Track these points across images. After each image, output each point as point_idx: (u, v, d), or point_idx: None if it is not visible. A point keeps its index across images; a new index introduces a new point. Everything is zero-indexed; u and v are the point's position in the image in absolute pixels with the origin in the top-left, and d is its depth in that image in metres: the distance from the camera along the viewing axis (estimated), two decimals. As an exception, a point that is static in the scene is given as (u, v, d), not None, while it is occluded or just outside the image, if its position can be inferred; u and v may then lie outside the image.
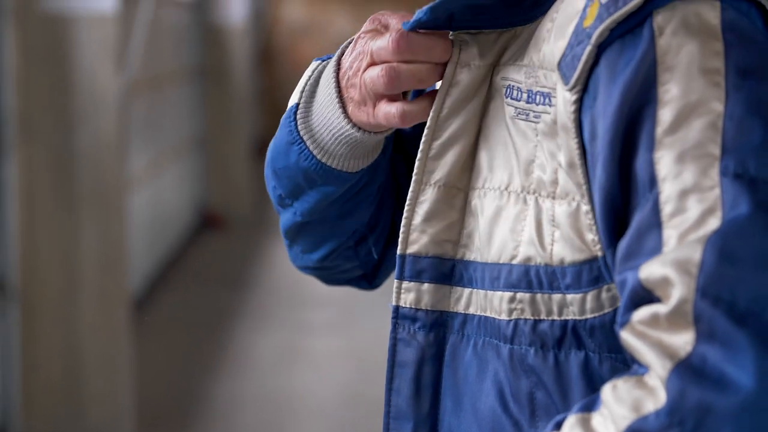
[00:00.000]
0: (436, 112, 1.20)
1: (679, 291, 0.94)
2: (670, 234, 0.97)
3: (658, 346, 0.94)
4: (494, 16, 1.18)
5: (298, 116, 1.30)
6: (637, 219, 1.01)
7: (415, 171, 1.21)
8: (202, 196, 10.20)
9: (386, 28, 1.23)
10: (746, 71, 1.01)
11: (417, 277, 1.21)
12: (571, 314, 1.10)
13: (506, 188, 1.15)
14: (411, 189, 1.21)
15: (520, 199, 1.14)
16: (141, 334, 6.41)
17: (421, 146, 1.21)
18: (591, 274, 1.08)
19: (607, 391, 0.97)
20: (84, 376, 4.98)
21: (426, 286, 1.21)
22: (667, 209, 0.98)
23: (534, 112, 1.12)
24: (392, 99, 1.22)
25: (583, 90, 1.07)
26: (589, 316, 1.09)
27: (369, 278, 1.47)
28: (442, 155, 1.20)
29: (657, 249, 0.97)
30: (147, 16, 5.99)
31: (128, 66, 5.45)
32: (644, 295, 0.97)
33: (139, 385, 5.33)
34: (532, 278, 1.12)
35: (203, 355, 6.55)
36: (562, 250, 1.09)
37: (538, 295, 1.12)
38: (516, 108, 1.15)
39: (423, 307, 1.21)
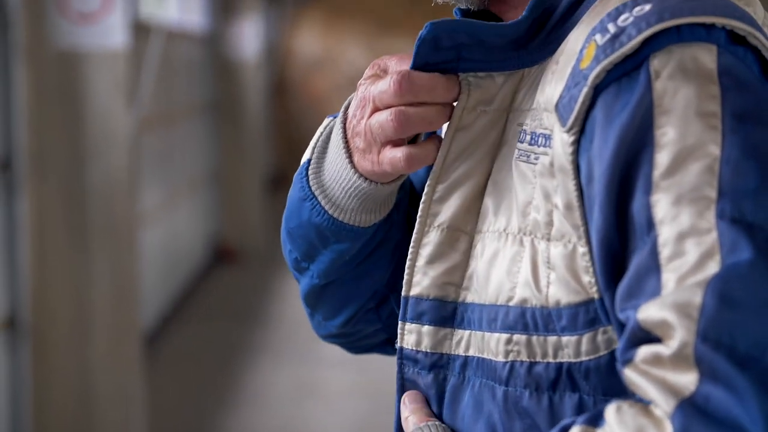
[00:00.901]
0: (443, 155, 1.20)
1: (680, 334, 0.94)
2: (668, 277, 0.97)
3: (662, 384, 0.94)
4: (501, 57, 1.18)
5: (309, 172, 1.31)
6: (636, 262, 1.00)
7: (419, 213, 1.21)
8: (216, 230, 10.21)
9: (385, 72, 1.22)
10: (742, 115, 1.01)
11: (418, 319, 1.21)
12: (567, 356, 1.09)
13: (504, 230, 1.15)
14: (415, 231, 1.22)
15: (516, 240, 1.13)
16: (153, 368, 6.41)
17: (426, 188, 1.21)
18: (587, 316, 1.08)
19: (611, 412, 0.97)
20: (96, 411, 4.97)
21: (425, 328, 1.21)
22: (665, 252, 0.98)
23: (535, 153, 1.13)
24: (396, 144, 1.22)
25: (581, 131, 1.07)
26: (584, 358, 1.09)
27: (394, 343, 1.42)
28: (447, 198, 1.20)
29: (656, 292, 0.97)
30: (157, 51, 6.02)
31: (139, 102, 5.48)
32: (642, 336, 0.97)
33: (151, 419, 5.33)
34: (528, 320, 1.11)
35: (216, 389, 6.55)
36: (558, 292, 1.09)
37: (534, 337, 1.11)
38: (519, 150, 1.15)
39: (423, 349, 1.21)
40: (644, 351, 0.96)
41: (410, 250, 1.22)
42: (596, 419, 0.98)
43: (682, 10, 1.04)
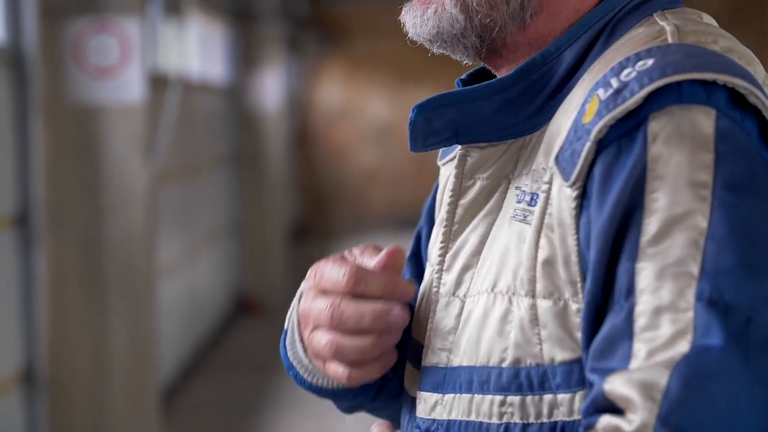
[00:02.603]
0: (448, 226, 1.22)
1: (641, 415, 0.94)
2: (639, 347, 0.97)
3: None
4: (500, 126, 1.18)
5: (287, 342, 1.34)
6: (610, 323, 1.00)
7: (433, 284, 1.22)
8: (238, 282, 10.21)
9: (323, 291, 1.22)
10: (734, 186, 1.01)
11: (424, 386, 1.22)
12: (561, 415, 1.09)
13: (493, 289, 1.14)
14: (429, 302, 1.23)
15: (505, 299, 1.13)
16: (172, 422, 6.38)
17: (436, 260, 1.22)
18: (581, 373, 1.07)
19: None
20: (113, 466, 4.95)
21: (421, 394, 1.21)
22: (640, 322, 0.98)
23: (532, 213, 1.12)
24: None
25: (583, 187, 1.06)
26: (577, 417, 1.08)
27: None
28: (451, 267, 1.21)
29: (626, 359, 0.98)
30: (176, 104, 6.05)
31: (157, 155, 5.49)
32: (606, 405, 0.97)
33: (168, 475, 5.29)
34: (522, 381, 1.10)
35: (236, 443, 6.51)
36: (552, 349, 1.08)
37: (529, 398, 1.10)
38: (515, 209, 1.15)
39: (420, 415, 1.22)
40: (606, 421, 0.97)
41: (428, 319, 1.22)
42: None
43: (685, 66, 1.04)
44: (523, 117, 1.17)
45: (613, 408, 0.97)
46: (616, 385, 0.96)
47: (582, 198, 1.06)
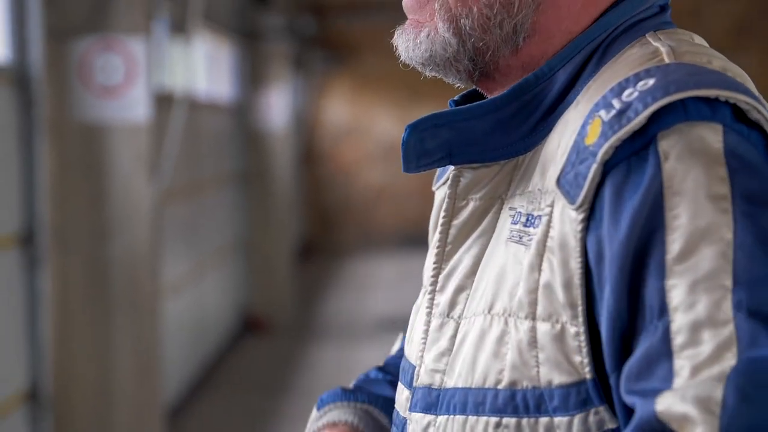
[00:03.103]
0: (442, 247, 1.21)
1: (702, 429, 0.93)
2: (682, 365, 0.96)
3: None
4: (493, 147, 1.18)
5: None
6: (646, 345, 0.99)
7: (425, 305, 1.23)
8: (245, 300, 10.21)
9: None
10: (751, 198, 1.01)
11: (414, 407, 1.22)
12: None
13: (489, 311, 1.14)
14: (423, 323, 1.23)
15: (501, 321, 1.12)
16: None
17: (430, 280, 1.22)
18: (579, 396, 1.06)
19: None
20: (118, 486, 4.94)
21: (412, 415, 1.21)
22: (678, 340, 0.97)
23: (528, 235, 1.12)
24: None
25: (590, 209, 1.06)
26: None
27: None
28: (445, 287, 1.21)
29: (668, 378, 0.97)
30: (181, 123, 6.05)
31: (162, 174, 5.50)
32: (657, 428, 0.96)
33: (173, 495, 5.28)
34: (518, 403, 1.10)
35: (241, 462, 6.49)
36: (549, 372, 1.08)
37: (524, 420, 1.10)
38: (511, 230, 1.15)
39: None
40: None
41: (419, 341, 1.22)
42: None
43: (687, 84, 1.04)
44: (517, 137, 1.18)
45: (664, 429, 0.95)
46: (670, 404, 0.95)
47: (588, 220, 1.06)
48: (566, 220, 1.07)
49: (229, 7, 9.45)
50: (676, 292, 0.98)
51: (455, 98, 1.28)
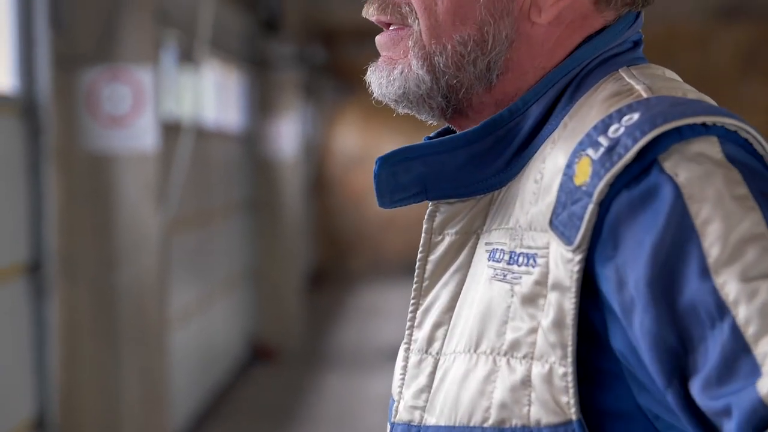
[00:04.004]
0: (419, 282, 1.21)
1: None
2: (764, 351, 0.95)
3: None
4: (467, 182, 1.18)
5: None
6: (716, 348, 0.98)
7: (404, 341, 1.22)
8: (253, 329, 10.20)
9: None
10: (766, 195, 1.02)
11: None
12: None
13: (475, 350, 1.13)
14: (402, 358, 1.22)
15: (489, 360, 1.11)
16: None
17: (408, 316, 1.22)
18: None
19: None
20: None
21: None
22: (750, 330, 0.96)
23: (513, 273, 1.11)
24: None
25: (588, 248, 1.05)
26: None
27: None
28: (422, 323, 1.21)
29: (753, 371, 0.95)
30: (189, 152, 6.07)
31: (170, 203, 5.50)
32: (765, 412, 0.94)
33: None
34: None
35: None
36: (538, 412, 1.07)
37: None
38: (495, 269, 1.14)
39: None
40: None
41: (398, 376, 1.22)
42: None
43: (673, 115, 1.04)
44: (491, 172, 1.18)
45: None
46: None
47: (592, 258, 1.05)
48: (561, 260, 1.07)
49: (238, 35, 9.49)
50: (730, 287, 0.97)
51: (430, 135, 1.28)
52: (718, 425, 0.99)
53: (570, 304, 1.05)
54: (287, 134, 10.41)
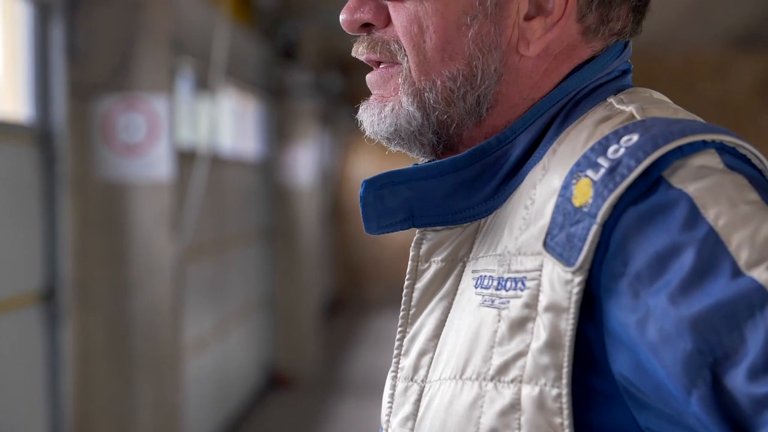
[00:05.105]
0: (406, 310, 1.21)
1: None
2: None
3: None
4: (454, 209, 1.18)
5: None
6: (760, 336, 0.95)
7: (391, 369, 1.22)
8: (270, 357, 10.19)
9: None
10: None
11: None
12: None
13: (460, 376, 1.13)
14: (389, 387, 1.22)
15: (475, 385, 1.11)
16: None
17: (395, 344, 1.22)
18: None
19: None
20: None
21: None
22: None
23: (501, 298, 1.11)
24: None
25: (590, 269, 1.04)
26: None
27: None
28: (409, 350, 1.21)
29: None
30: (204, 180, 6.08)
31: (184, 230, 5.51)
32: None
33: None
34: None
35: None
36: None
37: None
38: (483, 296, 1.13)
39: None
40: None
41: (386, 405, 1.22)
42: None
43: (673, 134, 1.04)
44: (479, 200, 1.18)
45: None
46: None
47: (597, 279, 1.04)
48: (557, 282, 1.06)
49: (255, 64, 9.52)
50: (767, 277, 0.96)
51: (417, 164, 1.28)
52: (755, 417, 0.96)
53: (567, 325, 1.04)
54: (304, 162, 10.43)
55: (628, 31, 1.22)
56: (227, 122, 8.74)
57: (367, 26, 1.23)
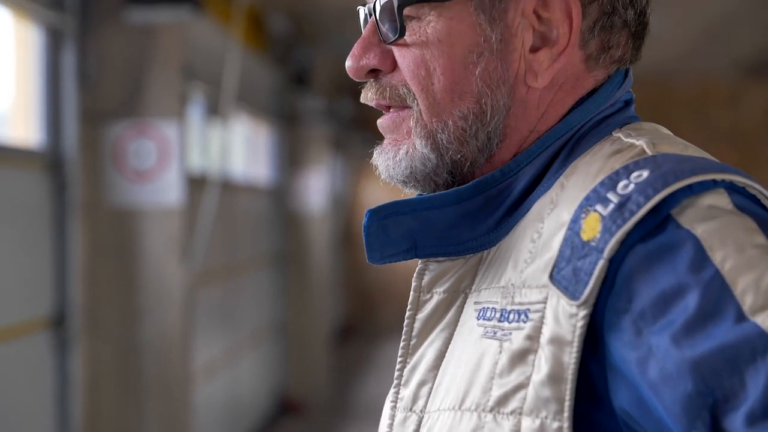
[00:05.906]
0: (407, 340, 1.21)
1: None
2: None
3: None
4: (458, 241, 1.18)
5: None
6: (760, 381, 0.95)
7: (390, 398, 1.22)
8: (281, 382, 10.18)
9: None
10: None
11: None
12: None
13: (460, 407, 1.12)
14: (388, 416, 1.22)
15: (474, 416, 1.10)
16: None
17: (395, 374, 1.22)
18: None
19: None
20: None
21: None
22: None
23: (503, 330, 1.10)
24: None
25: (595, 303, 1.04)
26: None
27: None
28: (409, 381, 1.20)
29: None
30: (215, 206, 6.09)
31: (195, 257, 5.51)
32: None
33: None
34: None
35: None
36: None
37: None
38: (485, 327, 1.13)
39: None
40: None
41: None
42: None
43: (684, 172, 1.04)
44: (482, 231, 1.18)
45: None
46: None
47: (593, 314, 1.04)
48: (562, 315, 1.05)
49: (267, 89, 9.55)
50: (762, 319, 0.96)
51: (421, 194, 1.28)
52: None
53: (570, 358, 1.04)
54: (316, 188, 10.44)
55: (628, 58, 1.22)
56: (239, 148, 8.76)
57: (374, 72, 1.23)
